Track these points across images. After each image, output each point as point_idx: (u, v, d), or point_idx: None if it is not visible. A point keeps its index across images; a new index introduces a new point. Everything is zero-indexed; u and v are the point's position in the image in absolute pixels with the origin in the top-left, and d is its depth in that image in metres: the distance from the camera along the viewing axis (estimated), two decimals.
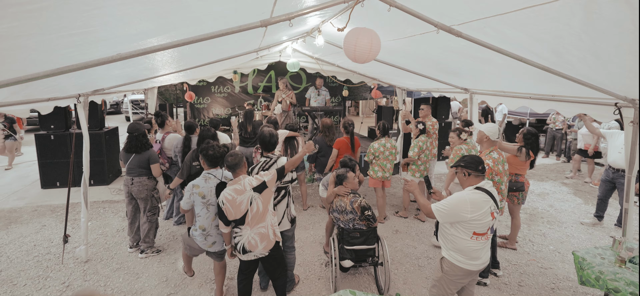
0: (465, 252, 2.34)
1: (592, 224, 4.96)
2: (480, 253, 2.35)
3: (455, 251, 2.37)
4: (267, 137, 2.98)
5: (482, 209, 2.25)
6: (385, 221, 4.93)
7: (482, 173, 2.38)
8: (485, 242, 2.36)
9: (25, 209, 5.25)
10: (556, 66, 2.51)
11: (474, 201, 2.26)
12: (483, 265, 2.40)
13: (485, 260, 2.40)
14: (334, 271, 3.18)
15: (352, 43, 2.20)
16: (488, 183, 2.39)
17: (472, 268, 2.37)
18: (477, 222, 2.26)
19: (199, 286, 3.40)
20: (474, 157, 2.44)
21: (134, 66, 2.73)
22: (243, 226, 2.60)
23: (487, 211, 2.27)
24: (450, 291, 2.47)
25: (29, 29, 1.37)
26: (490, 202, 2.29)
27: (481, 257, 2.36)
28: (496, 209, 2.35)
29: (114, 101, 16.32)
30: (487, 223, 2.29)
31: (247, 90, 8.97)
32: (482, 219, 2.25)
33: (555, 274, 3.71)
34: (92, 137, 4.19)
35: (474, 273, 2.43)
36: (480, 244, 2.33)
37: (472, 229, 2.28)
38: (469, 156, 2.45)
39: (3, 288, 3.35)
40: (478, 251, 2.33)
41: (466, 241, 2.31)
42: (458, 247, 2.35)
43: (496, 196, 2.38)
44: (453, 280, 2.43)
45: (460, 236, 2.32)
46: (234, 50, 4.11)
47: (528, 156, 3.87)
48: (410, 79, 5.67)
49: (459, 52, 3.27)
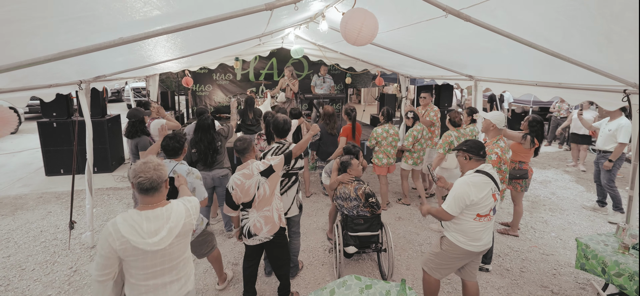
0: (468, 233, 2.40)
1: (592, 209, 5.04)
2: (482, 235, 2.41)
3: (458, 232, 2.43)
4: (281, 124, 2.98)
5: (484, 191, 2.32)
6: (388, 208, 4.95)
7: (483, 157, 2.43)
8: (488, 223, 2.41)
9: (30, 196, 5.29)
10: (565, 51, 2.47)
11: (476, 184, 2.32)
12: (484, 247, 2.45)
13: (486, 242, 2.45)
14: (337, 257, 3.21)
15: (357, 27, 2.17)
16: (488, 165, 2.44)
17: (473, 250, 2.43)
18: (480, 204, 2.32)
19: (204, 272, 3.45)
20: (476, 142, 2.48)
21: (136, 52, 2.70)
22: (250, 209, 2.63)
23: (488, 193, 2.33)
24: (445, 268, 2.54)
25: (29, 13, 1.35)
26: (491, 184, 2.35)
27: (482, 239, 2.42)
28: (497, 191, 2.40)
29: (115, 88, 16.24)
30: (489, 205, 2.35)
31: (248, 77, 8.90)
32: (484, 201, 2.32)
33: (557, 260, 3.73)
34: (94, 125, 4.18)
35: (474, 254, 2.48)
36: (483, 225, 2.39)
37: (476, 211, 2.34)
38: (472, 141, 2.50)
39: (12, 272, 3.41)
40: (480, 232, 2.40)
41: (469, 223, 2.37)
42: (461, 228, 2.41)
43: (497, 177, 2.42)
44: (451, 257, 2.49)
45: (464, 218, 2.38)
46: (237, 36, 4.06)
47: (533, 144, 3.86)
48: (413, 66, 5.61)
49: (465, 42, 3.24)
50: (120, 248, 1.56)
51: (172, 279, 1.74)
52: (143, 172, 1.60)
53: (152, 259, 1.63)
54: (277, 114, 3.10)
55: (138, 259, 1.61)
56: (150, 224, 1.61)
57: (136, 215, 1.62)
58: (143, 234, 1.57)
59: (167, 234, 1.62)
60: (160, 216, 1.64)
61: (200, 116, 3.78)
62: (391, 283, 2.18)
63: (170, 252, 1.68)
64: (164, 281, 1.71)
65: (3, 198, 5.25)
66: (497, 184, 2.40)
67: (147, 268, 1.65)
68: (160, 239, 1.60)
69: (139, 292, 1.69)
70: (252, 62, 8.72)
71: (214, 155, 3.70)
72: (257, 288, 3.12)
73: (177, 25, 1.68)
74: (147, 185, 1.60)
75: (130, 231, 1.56)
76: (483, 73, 4.51)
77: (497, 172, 3.12)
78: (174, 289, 1.76)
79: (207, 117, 3.76)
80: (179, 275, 1.78)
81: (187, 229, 1.74)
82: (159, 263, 1.66)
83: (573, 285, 3.33)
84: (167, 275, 1.72)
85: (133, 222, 1.59)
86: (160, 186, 1.65)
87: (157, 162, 1.66)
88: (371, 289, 2.13)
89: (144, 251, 1.58)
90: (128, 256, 1.59)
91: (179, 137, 2.61)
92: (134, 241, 1.55)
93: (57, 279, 3.32)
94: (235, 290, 3.18)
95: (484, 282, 3.34)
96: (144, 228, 1.59)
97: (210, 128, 3.70)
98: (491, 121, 3.29)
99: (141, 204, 1.67)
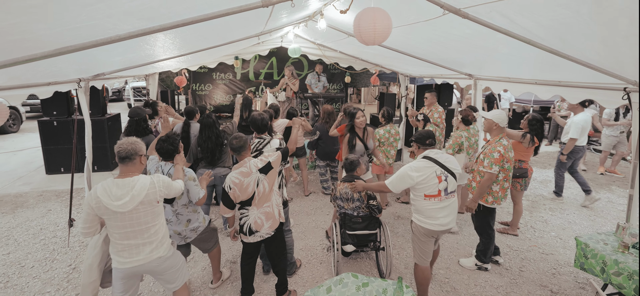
0: (422, 212, 2.69)
1: (551, 199, 5.39)
2: (436, 214, 2.64)
3: (416, 212, 2.76)
4: (258, 120, 3.16)
5: (425, 174, 2.60)
6: (386, 207, 4.94)
7: (430, 145, 2.75)
8: (440, 203, 2.64)
9: (30, 194, 5.31)
10: (565, 49, 2.46)
11: (417, 168, 2.63)
12: (444, 227, 2.68)
13: (444, 222, 2.67)
14: (335, 255, 3.21)
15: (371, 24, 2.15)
16: (437, 152, 2.71)
17: (432, 228, 2.67)
18: (424, 185, 2.61)
19: (202, 270, 3.45)
20: (422, 133, 2.79)
21: (134, 52, 2.69)
22: (250, 207, 2.63)
23: (431, 175, 2.60)
24: (424, 252, 2.78)
25: (29, 14, 1.35)
26: (434, 167, 2.62)
27: (438, 218, 2.65)
28: (444, 173, 2.63)
29: (116, 88, 16.30)
30: (434, 185, 2.60)
31: (248, 77, 8.90)
32: (428, 182, 2.60)
33: (557, 260, 3.72)
34: (94, 123, 4.19)
35: (435, 232, 2.71)
36: (434, 204, 2.63)
37: (423, 192, 2.64)
38: (420, 132, 2.81)
39: (12, 270, 3.42)
40: (434, 211, 2.64)
41: (421, 202, 2.67)
42: (417, 208, 2.73)
43: (445, 162, 2.66)
44: (420, 238, 2.76)
45: (416, 199, 2.71)
46: (236, 34, 4.06)
47: (532, 142, 3.86)
48: (413, 65, 5.60)
49: (464, 42, 3.23)
50: (95, 206, 1.96)
51: (144, 241, 2.09)
52: (122, 144, 2.02)
53: (121, 220, 1.99)
54: (253, 113, 3.28)
55: (110, 218, 1.99)
56: (118, 190, 1.98)
57: (110, 182, 2.01)
58: (111, 197, 1.95)
59: (129, 200, 1.96)
60: (127, 184, 2.00)
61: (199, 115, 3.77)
62: (388, 281, 2.18)
63: (136, 216, 2.02)
64: (136, 243, 2.07)
65: (4, 195, 5.26)
66: (445, 168, 2.63)
67: (119, 228, 2.01)
68: (123, 203, 1.95)
69: (117, 249, 2.08)
70: (252, 61, 8.72)
71: (220, 153, 3.71)
72: (255, 287, 3.13)
73: (173, 22, 1.68)
74: (123, 154, 2.01)
75: (103, 193, 1.95)
76: (482, 72, 4.50)
77: (501, 170, 3.12)
78: (146, 250, 2.10)
79: (210, 115, 3.76)
80: (151, 239, 2.10)
81: (150, 199, 2.05)
82: (128, 225, 2.02)
83: (573, 284, 3.32)
84: (138, 237, 2.06)
85: (107, 187, 1.98)
86: (133, 157, 2.04)
87: (135, 140, 2.08)
88: (368, 287, 2.12)
89: (113, 212, 1.96)
90: (102, 214, 1.98)
91: (172, 139, 2.62)
92: (104, 201, 1.93)
93: (56, 276, 3.33)
94: (233, 288, 3.18)
95: (483, 281, 3.33)
96: (113, 192, 1.96)
97: (214, 125, 3.69)
98: (493, 120, 3.26)
99: (118, 174, 2.07)
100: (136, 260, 2.09)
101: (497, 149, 3.14)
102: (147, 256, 2.10)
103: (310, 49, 6.59)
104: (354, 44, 5.08)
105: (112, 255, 2.11)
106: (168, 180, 2.19)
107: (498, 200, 3.23)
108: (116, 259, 2.10)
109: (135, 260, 2.08)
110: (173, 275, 2.31)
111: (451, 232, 4.17)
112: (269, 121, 3.27)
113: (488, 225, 3.33)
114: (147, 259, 2.11)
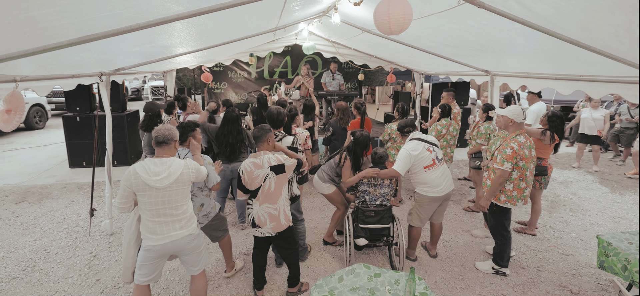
0: (427, 182, 3.18)
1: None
2: (439, 181, 3.17)
3: (421, 184, 3.23)
4: (274, 115, 3.19)
5: (419, 149, 3.15)
6: (400, 205, 4.90)
7: (409, 132, 3.35)
8: (437, 170, 3.17)
9: (55, 186, 5.54)
10: (586, 41, 2.37)
11: (412, 147, 3.17)
12: (444, 192, 3.20)
13: (444, 187, 3.20)
14: (348, 249, 3.21)
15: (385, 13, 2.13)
16: (417, 133, 3.32)
17: (437, 194, 3.18)
18: (421, 158, 3.13)
19: (216, 261, 3.51)
20: (401, 124, 3.41)
21: (152, 42, 2.78)
22: (254, 199, 2.66)
23: (422, 150, 3.15)
24: (422, 213, 3.30)
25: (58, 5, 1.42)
26: (422, 143, 3.19)
27: (440, 184, 3.18)
28: (430, 145, 3.20)
29: (135, 87, 16.83)
30: (428, 157, 3.14)
31: (263, 75, 9.01)
32: (423, 155, 3.14)
33: (577, 261, 3.59)
34: (114, 119, 4.35)
35: (439, 198, 3.22)
36: (433, 172, 3.16)
37: (422, 165, 3.15)
38: (398, 125, 3.44)
39: (38, 255, 3.59)
40: (436, 179, 3.16)
41: (423, 175, 3.18)
42: (421, 180, 3.21)
43: (427, 139, 3.26)
44: (424, 205, 3.27)
45: (418, 173, 3.20)
46: (251, 28, 4.11)
47: (552, 140, 3.71)
48: (428, 62, 5.53)
49: (480, 34, 3.16)
50: (134, 182, 2.12)
51: (174, 219, 2.23)
52: (160, 130, 2.23)
53: (155, 197, 2.14)
54: (271, 107, 3.29)
55: (145, 195, 2.13)
56: (156, 167, 2.17)
57: (148, 161, 2.18)
58: (150, 173, 2.13)
59: (166, 176, 2.15)
60: (164, 163, 2.20)
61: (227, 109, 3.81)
62: (400, 273, 2.16)
63: (169, 194, 2.18)
64: (167, 221, 2.21)
65: (30, 187, 5.52)
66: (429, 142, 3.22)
67: (152, 205, 2.16)
68: (161, 178, 2.13)
69: (149, 227, 2.20)
70: (267, 59, 8.82)
71: (239, 149, 3.72)
72: (268, 278, 3.16)
73: (190, 11, 1.72)
74: (161, 139, 2.20)
75: (142, 170, 2.13)
76: (500, 67, 4.39)
77: (515, 168, 3.02)
78: (177, 227, 2.25)
79: (234, 109, 3.79)
80: (180, 217, 2.26)
81: (184, 179, 2.23)
82: (161, 202, 2.17)
83: (594, 286, 3.19)
84: (169, 215, 2.21)
85: (145, 165, 2.16)
86: (169, 142, 2.23)
87: (170, 127, 2.27)
88: (380, 277, 2.11)
89: (150, 187, 2.11)
90: (139, 190, 2.13)
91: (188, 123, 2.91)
92: (144, 177, 2.11)
93: (78, 262, 3.47)
94: (246, 279, 3.23)
95: (499, 279, 3.25)
96: (151, 169, 2.15)
97: (237, 121, 3.72)
98: (508, 116, 3.13)
99: (155, 155, 2.26)
100: (168, 236, 2.21)
101: (510, 145, 2.98)
102: (178, 233, 2.24)
103: (324, 46, 6.61)
104: (367, 40, 5.07)
105: (145, 233, 2.22)
106: (197, 165, 2.37)
107: (512, 200, 3.05)
108: (149, 237, 2.21)
109: (167, 236, 2.21)
110: (197, 257, 2.43)
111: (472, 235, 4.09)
112: (285, 118, 3.28)
113: (502, 226, 3.18)
114: (178, 236, 2.24)
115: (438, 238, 3.58)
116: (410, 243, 3.50)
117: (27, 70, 2.13)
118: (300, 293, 3.00)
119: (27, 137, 9.22)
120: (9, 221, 4.35)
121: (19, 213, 4.57)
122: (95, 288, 3.11)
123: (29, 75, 2.24)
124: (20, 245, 3.79)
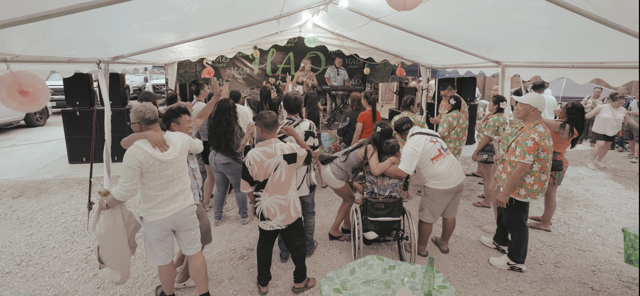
0: (437, 175, 3.04)
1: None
2: (450, 172, 3.03)
3: (432, 178, 3.08)
4: (291, 101, 3.13)
5: (423, 142, 3.02)
6: (408, 201, 4.75)
7: (407, 129, 3.26)
8: (445, 160, 3.04)
9: (54, 181, 5.42)
10: (615, 19, 2.19)
11: (415, 143, 3.03)
12: (457, 182, 3.05)
13: (456, 178, 3.05)
14: (356, 243, 3.06)
15: None
16: (416, 127, 3.21)
17: (448, 187, 3.05)
18: (427, 151, 3.01)
19: (218, 255, 3.38)
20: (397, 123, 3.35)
21: (151, 19, 2.64)
22: (263, 190, 2.52)
23: (426, 141, 3.03)
24: (433, 208, 3.16)
25: None
26: (424, 136, 3.07)
27: (451, 175, 3.04)
28: (432, 137, 3.08)
29: (137, 86, 16.78)
30: (433, 148, 3.02)
31: (266, 71, 8.88)
32: (427, 147, 3.01)
33: (596, 257, 3.43)
34: (114, 114, 4.21)
35: (452, 190, 3.07)
36: (442, 163, 3.03)
37: (429, 157, 3.02)
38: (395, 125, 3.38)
39: (34, 250, 3.46)
40: (446, 170, 3.03)
41: (432, 167, 3.04)
42: (431, 174, 3.07)
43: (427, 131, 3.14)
44: (436, 199, 3.13)
45: (427, 166, 3.06)
46: (254, 15, 3.98)
47: (571, 133, 3.50)
48: (436, 54, 5.36)
49: (496, 15, 2.97)
50: (144, 160, 2.09)
51: (179, 190, 2.30)
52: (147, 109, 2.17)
53: (165, 170, 2.19)
54: (288, 93, 3.30)
55: (155, 171, 2.15)
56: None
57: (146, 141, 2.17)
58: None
59: (172, 148, 2.23)
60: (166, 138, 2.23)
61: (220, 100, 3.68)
62: (416, 265, 2.01)
63: (176, 165, 2.26)
64: (174, 192, 2.27)
65: (29, 182, 5.40)
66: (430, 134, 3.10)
67: (161, 179, 2.19)
68: (170, 151, 2.20)
69: (156, 203, 2.21)
70: (270, 55, 8.68)
71: (226, 141, 3.56)
72: (273, 274, 3.02)
73: None
74: (153, 117, 2.19)
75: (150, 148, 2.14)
76: (512, 57, 4.23)
77: (537, 160, 2.85)
78: (180, 199, 2.31)
79: (228, 99, 3.67)
80: (182, 188, 2.33)
81: (185, 147, 2.34)
82: (170, 174, 2.22)
83: (616, 282, 3.03)
84: (175, 186, 2.27)
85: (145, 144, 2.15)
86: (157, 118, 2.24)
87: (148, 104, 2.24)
88: (395, 270, 1.97)
89: (160, 162, 2.15)
90: (149, 167, 2.12)
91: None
92: (154, 154, 2.13)
93: (75, 257, 3.34)
94: (250, 275, 3.09)
95: (514, 275, 3.10)
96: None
97: (229, 111, 3.59)
98: (531, 104, 2.90)
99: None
100: (173, 207, 2.26)
101: (531, 136, 2.79)
102: (182, 203, 2.31)
103: (328, 39, 6.46)
104: (374, 30, 4.92)
105: (151, 210, 2.22)
106: (188, 136, 2.46)
107: (533, 194, 2.88)
108: (155, 212, 2.22)
109: (172, 207, 2.26)
110: (196, 233, 2.46)
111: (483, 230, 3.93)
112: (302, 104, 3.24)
113: (520, 221, 3.03)
114: (182, 206, 2.30)
115: (451, 233, 3.42)
116: (421, 238, 3.37)
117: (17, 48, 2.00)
118: (307, 288, 2.86)
119: (28, 134, 9.13)
120: (5, 216, 4.23)
121: (16, 208, 4.45)
122: (92, 283, 2.98)
123: (20, 54, 2.11)
124: (16, 239, 3.66)
